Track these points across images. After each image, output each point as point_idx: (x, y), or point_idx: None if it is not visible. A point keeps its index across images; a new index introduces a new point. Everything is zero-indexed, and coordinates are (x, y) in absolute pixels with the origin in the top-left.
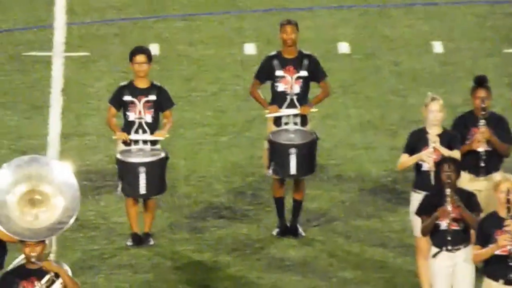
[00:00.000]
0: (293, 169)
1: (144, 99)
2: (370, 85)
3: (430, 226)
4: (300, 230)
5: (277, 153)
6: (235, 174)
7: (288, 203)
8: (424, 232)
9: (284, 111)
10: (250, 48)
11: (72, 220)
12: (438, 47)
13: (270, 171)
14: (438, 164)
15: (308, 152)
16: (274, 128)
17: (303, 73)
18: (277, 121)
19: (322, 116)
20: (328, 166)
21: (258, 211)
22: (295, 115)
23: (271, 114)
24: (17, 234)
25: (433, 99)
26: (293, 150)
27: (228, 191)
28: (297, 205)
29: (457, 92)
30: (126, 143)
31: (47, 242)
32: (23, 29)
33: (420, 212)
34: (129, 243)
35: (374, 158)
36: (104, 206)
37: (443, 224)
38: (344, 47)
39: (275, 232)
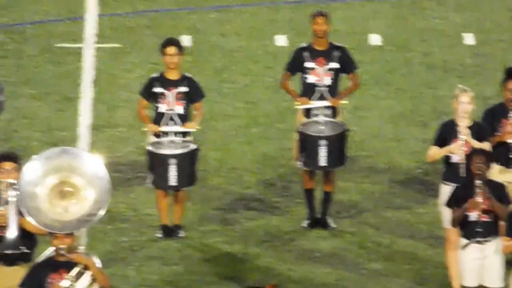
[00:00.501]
0: (322, 161)
1: (175, 91)
2: (402, 77)
3: (460, 217)
4: (330, 222)
5: (307, 144)
6: (266, 166)
7: (319, 195)
8: (454, 224)
9: (315, 103)
10: (281, 40)
11: (102, 213)
12: (469, 38)
13: (300, 163)
14: (469, 155)
15: (338, 144)
16: (304, 119)
17: (334, 65)
18: (308, 112)
19: (353, 108)
20: (359, 158)
21: (288, 203)
22: (326, 107)
23: (301, 106)
24: (46, 226)
25: (463, 91)
26: (323, 142)
27: (258, 183)
28: (327, 197)
29: (488, 83)
30: (157, 135)
31: (76, 234)
32: (55, 21)
33: (450, 203)
34: (159, 235)
35: (405, 150)
36: (134, 198)
37: (473, 215)
38: (376, 39)
39: (305, 223)
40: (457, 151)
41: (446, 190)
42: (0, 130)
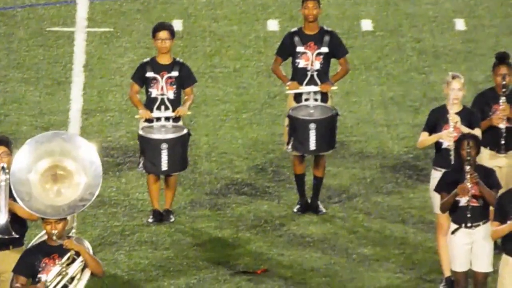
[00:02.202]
0: (312, 145)
1: (166, 75)
2: (393, 62)
3: (450, 202)
4: (321, 207)
5: (297, 128)
6: (257, 151)
7: (309, 180)
8: (443, 209)
9: (305, 88)
10: (273, 25)
11: (94, 197)
12: (460, 24)
13: (290, 147)
14: (458, 141)
15: (328, 128)
16: (294, 104)
17: (324, 49)
18: (298, 97)
19: (345, 93)
20: (349, 143)
21: (279, 188)
22: (316, 92)
23: (291, 90)
24: (38, 211)
25: (454, 77)
26: (312, 125)
27: (249, 168)
28: (318, 182)
29: (479, 69)
30: (149, 119)
31: (68, 218)
32: (46, 5)
33: (440, 188)
34: (150, 219)
35: (395, 135)
36: (125, 183)
37: (463, 200)
38: (367, 24)
39: (295, 208)
40: (447, 138)
41: (436, 175)
42: None
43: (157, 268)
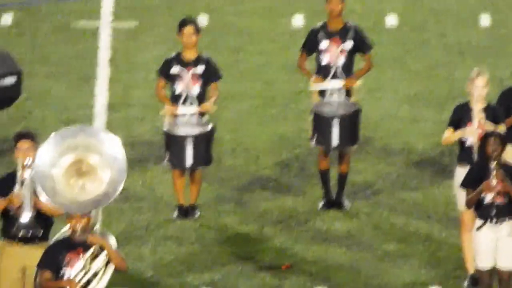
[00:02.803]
0: (335, 140)
1: (192, 71)
2: (417, 58)
3: (475, 199)
4: (346, 203)
5: (320, 124)
6: (282, 147)
7: (334, 176)
8: (468, 205)
9: (329, 83)
10: (298, 20)
11: (117, 192)
12: (485, 19)
13: (314, 142)
14: (484, 137)
15: (350, 123)
16: (319, 100)
17: (348, 44)
18: (322, 93)
19: (369, 89)
20: (374, 139)
21: (304, 183)
22: (340, 88)
23: (315, 86)
24: (62, 206)
25: (478, 74)
26: (335, 121)
27: (274, 164)
28: (342, 178)
29: (504, 65)
30: (174, 115)
31: (93, 213)
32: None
33: (465, 184)
34: (175, 215)
35: (420, 131)
36: (151, 178)
37: (488, 197)
38: (392, 20)
39: (320, 204)
40: (471, 135)
41: (460, 172)
42: (15, 109)
43: (182, 263)
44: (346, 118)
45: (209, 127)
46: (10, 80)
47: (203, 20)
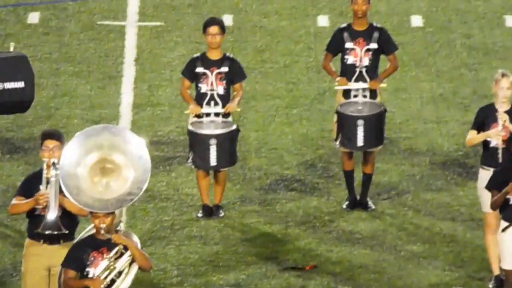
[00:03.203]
0: (360, 141)
1: (216, 71)
2: (442, 59)
3: (500, 201)
4: (370, 203)
5: (345, 124)
6: (306, 147)
7: (358, 177)
8: (494, 207)
9: (353, 85)
10: (323, 20)
11: (141, 192)
12: (511, 21)
13: (338, 143)
14: (509, 139)
15: (375, 124)
16: (343, 100)
17: (373, 45)
18: (347, 93)
19: (394, 89)
20: (399, 140)
21: (328, 184)
22: (364, 89)
23: (340, 86)
24: (87, 205)
25: (503, 75)
26: (360, 122)
27: (299, 164)
28: (367, 179)
29: None
30: (198, 115)
31: (116, 212)
32: None
33: (491, 186)
34: (200, 214)
35: (445, 132)
36: (175, 177)
37: None
38: (417, 20)
39: (345, 205)
40: (495, 136)
41: (484, 174)
42: (41, 107)
43: (207, 263)
44: (371, 119)
45: (233, 127)
46: (17, 85)
47: (228, 20)
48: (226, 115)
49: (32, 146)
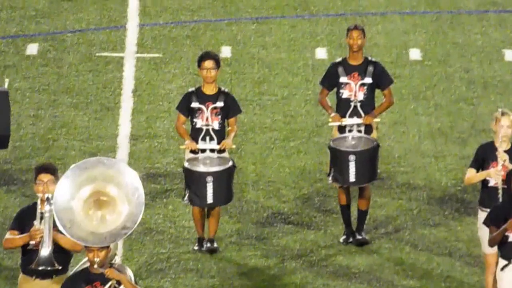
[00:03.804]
0: (352, 177)
1: (211, 106)
2: (441, 92)
3: (498, 238)
4: (365, 238)
5: (337, 160)
6: (304, 180)
7: (355, 211)
8: (492, 244)
9: (347, 120)
10: (321, 53)
11: (136, 225)
12: (510, 55)
13: (330, 179)
14: (508, 175)
15: (368, 160)
16: (337, 135)
17: (368, 80)
18: (342, 128)
19: (392, 123)
20: (397, 174)
21: (325, 218)
22: (359, 124)
23: (333, 123)
24: (81, 239)
25: (503, 114)
26: (352, 157)
27: (296, 197)
28: (362, 215)
29: None
30: (194, 151)
31: (112, 246)
32: (96, 30)
33: (489, 222)
34: (196, 247)
35: (443, 167)
36: (172, 210)
37: None
38: (415, 53)
39: (341, 239)
40: (494, 176)
41: (483, 215)
42: (39, 138)
43: None
44: (363, 154)
45: (230, 163)
46: None
47: (226, 51)
48: (222, 151)
49: (29, 178)
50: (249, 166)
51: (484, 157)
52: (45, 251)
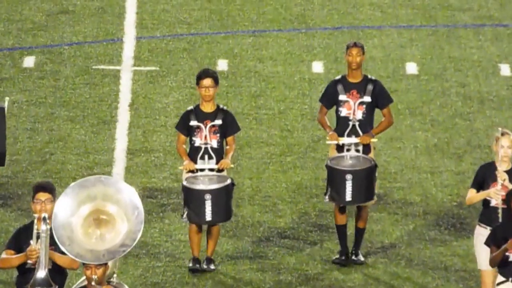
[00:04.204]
0: (348, 196)
1: (210, 124)
2: (437, 108)
3: (499, 257)
4: (361, 257)
5: (334, 178)
6: (300, 195)
7: (351, 228)
8: (492, 263)
9: (344, 140)
10: (318, 67)
11: (134, 243)
12: (506, 69)
13: (327, 198)
14: (508, 195)
15: (364, 179)
16: (335, 154)
17: (367, 98)
18: (340, 147)
19: (389, 139)
20: (393, 189)
21: (321, 232)
22: (357, 143)
23: (330, 141)
24: (79, 256)
25: (503, 134)
26: (349, 176)
27: (292, 212)
28: (359, 233)
29: None
30: (192, 171)
31: (109, 264)
32: (93, 43)
33: (490, 242)
34: (190, 265)
35: (439, 183)
36: (168, 224)
37: None
38: (412, 68)
39: (335, 257)
40: (494, 196)
41: (482, 232)
42: (36, 152)
43: None
44: (360, 173)
45: (228, 181)
46: None
47: (223, 65)
48: (220, 170)
49: (26, 192)
50: (246, 181)
51: (484, 177)
52: (42, 271)
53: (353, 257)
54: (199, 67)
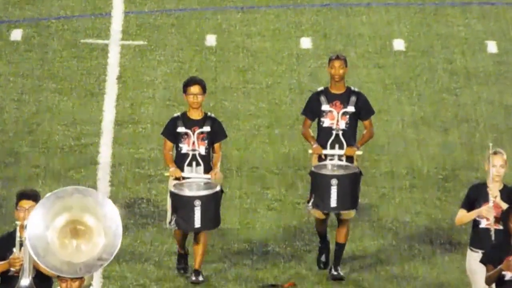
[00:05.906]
0: (333, 202)
1: (198, 130)
2: (424, 83)
3: (495, 277)
4: (340, 272)
5: (318, 184)
6: (288, 166)
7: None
8: (488, 282)
9: (329, 151)
10: (306, 42)
11: (112, 257)
12: (492, 46)
13: (310, 205)
14: (505, 212)
15: (349, 185)
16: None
17: (350, 108)
18: (322, 159)
19: (377, 111)
20: (380, 162)
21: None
22: (340, 154)
23: (314, 154)
24: (54, 268)
25: (496, 153)
26: (334, 181)
27: (279, 183)
28: (339, 249)
29: (510, 92)
30: (178, 178)
31: (85, 276)
32: (81, 17)
33: (486, 260)
34: (176, 262)
35: (425, 155)
36: (155, 195)
37: (508, 275)
38: (399, 44)
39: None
40: (486, 214)
41: (473, 256)
42: (23, 122)
43: (187, 277)
44: (346, 179)
45: (218, 188)
46: None
47: (211, 40)
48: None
49: (12, 161)
50: (234, 152)
51: (475, 198)
52: (25, 280)
53: (333, 272)
54: (187, 42)
